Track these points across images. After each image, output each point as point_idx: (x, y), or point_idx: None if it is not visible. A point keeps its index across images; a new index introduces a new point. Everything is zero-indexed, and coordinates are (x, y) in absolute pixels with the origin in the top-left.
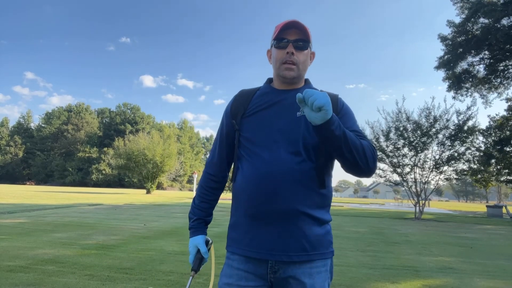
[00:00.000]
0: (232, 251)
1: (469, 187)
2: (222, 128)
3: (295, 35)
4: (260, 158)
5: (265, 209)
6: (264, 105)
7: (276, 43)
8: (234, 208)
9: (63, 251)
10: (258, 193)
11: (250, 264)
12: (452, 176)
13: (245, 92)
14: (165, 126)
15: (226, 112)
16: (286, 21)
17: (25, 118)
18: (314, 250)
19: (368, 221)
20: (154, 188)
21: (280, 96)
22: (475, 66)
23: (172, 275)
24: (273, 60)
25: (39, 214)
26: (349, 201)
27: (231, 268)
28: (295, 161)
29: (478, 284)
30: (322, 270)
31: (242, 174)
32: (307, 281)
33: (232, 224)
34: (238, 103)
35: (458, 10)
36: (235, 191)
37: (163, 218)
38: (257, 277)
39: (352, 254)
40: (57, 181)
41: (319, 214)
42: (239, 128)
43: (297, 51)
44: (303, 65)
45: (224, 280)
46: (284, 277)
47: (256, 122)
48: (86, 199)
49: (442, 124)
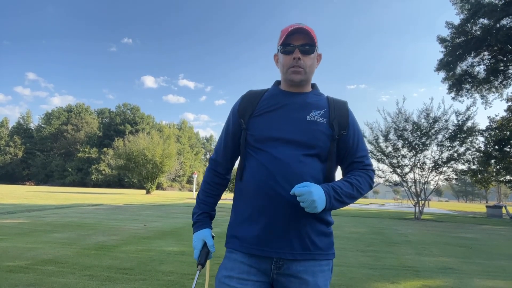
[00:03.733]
0: (235, 249)
1: (468, 187)
2: (228, 126)
3: (300, 40)
4: (268, 157)
5: (271, 208)
6: (273, 106)
7: (282, 49)
8: (238, 206)
9: (62, 251)
10: (265, 192)
11: (253, 259)
12: (451, 177)
13: (254, 92)
14: (165, 126)
15: (234, 111)
16: (291, 26)
17: (24, 118)
18: (318, 250)
19: (368, 221)
20: (154, 189)
21: (288, 99)
22: (475, 67)
23: (172, 275)
24: (280, 65)
25: (38, 215)
26: None
27: (234, 262)
28: (304, 161)
29: (478, 284)
30: (326, 269)
31: (249, 172)
32: (310, 279)
33: (234, 222)
34: (247, 103)
35: (457, 10)
36: (241, 188)
37: (163, 218)
38: (260, 272)
39: (352, 254)
40: (57, 181)
41: (324, 215)
42: (246, 128)
43: (304, 55)
44: (310, 69)
45: (224, 273)
46: (287, 273)
47: (265, 122)
48: (85, 199)
49: (441, 124)
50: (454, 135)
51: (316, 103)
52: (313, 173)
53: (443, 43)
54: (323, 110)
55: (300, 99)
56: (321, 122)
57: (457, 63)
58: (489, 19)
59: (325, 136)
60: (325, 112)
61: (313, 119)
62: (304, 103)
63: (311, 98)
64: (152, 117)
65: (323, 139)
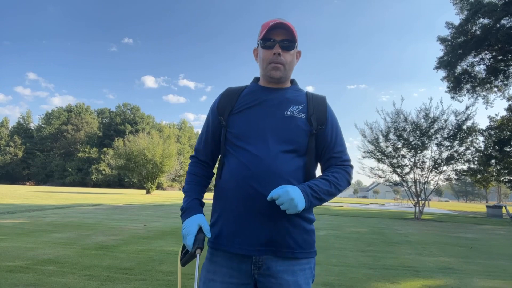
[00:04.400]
0: (216, 248)
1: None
2: (208, 125)
3: (281, 35)
4: (247, 154)
5: (251, 206)
6: (252, 103)
7: (262, 43)
8: (218, 204)
9: (62, 251)
10: (244, 190)
11: (233, 261)
12: (451, 176)
13: (232, 90)
14: (165, 126)
15: (213, 109)
16: (272, 21)
17: (24, 118)
18: (299, 248)
19: (368, 221)
20: (154, 188)
21: (267, 95)
22: (475, 66)
23: (172, 275)
24: (260, 60)
25: (38, 215)
26: (349, 201)
27: (215, 265)
28: (283, 158)
29: (478, 284)
30: (307, 267)
31: (228, 170)
32: (290, 278)
33: (215, 221)
34: (225, 101)
35: (457, 10)
36: (221, 187)
37: (163, 218)
38: (241, 274)
39: (352, 254)
40: (57, 181)
41: (305, 212)
42: (226, 125)
43: (284, 51)
44: (290, 65)
45: (208, 276)
46: (267, 274)
47: (244, 119)
48: (85, 199)
49: (440, 124)
50: (454, 135)
51: (294, 99)
52: (292, 169)
53: (444, 43)
54: (302, 105)
55: (279, 94)
56: (300, 117)
57: (457, 62)
58: (489, 18)
59: (304, 131)
60: (304, 107)
61: (292, 114)
62: (282, 99)
63: (289, 93)
64: (152, 117)
65: (302, 134)
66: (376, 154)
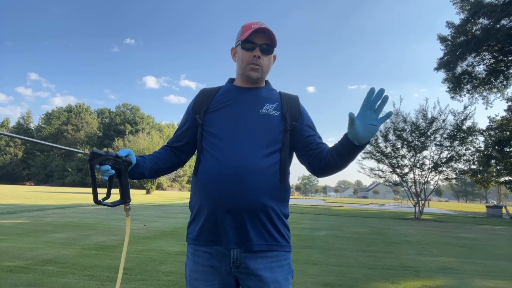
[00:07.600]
0: (195, 244)
1: (468, 187)
2: (183, 124)
3: (262, 40)
4: (222, 151)
5: (227, 202)
6: (227, 102)
7: (243, 44)
8: (195, 201)
9: (62, 251)
10: (220, 186)
11: (214, 260)
12: (451, 176)
13: (207, 90)
14: (165, 126)
15: (188, 109)
16: (254, 23)
17: (25, 118)
18: (274, 241)
19: (368, 221)
20: (154, 189)
21: (242, 94)
22: (475, 66)
23: (172, 276)
24: (238, 60)
25: (39, 215)
26: (349, 201)
27: (197, 264)
28: (258, 155)
29: (478, 284)
30: (284, 263)
31: (203, 167)
32: (268, 275)
33: (192, 219)
34: (201, 100)
35: (458, 9)
36: (197, 183)
37: (163, 218)
38: (222, 273)
39: (352, 254)
40: (57, 181)
41: (280, 207)
42: (202, 123)
43: (263, 54)
44: (267, 68)
45: (192, 275)
46: (246, 272)
47: (220, 117)
48: (85, 199)
49: (439, 124)
50: (453, 135)
51: (269, 97)
52: (267, 165)
53: (444, 42)
54: (276, 104)
55: (254, 93)
56: (274, 115)
57: (457, 62)
58: (489, 19)
59: (279, 128)
60: (278, 105)
61: (266, 112)
62: (257, 97)
63: (264, 92)
64: (152, 117)
65: (277, 131)
66: (375, 154)
